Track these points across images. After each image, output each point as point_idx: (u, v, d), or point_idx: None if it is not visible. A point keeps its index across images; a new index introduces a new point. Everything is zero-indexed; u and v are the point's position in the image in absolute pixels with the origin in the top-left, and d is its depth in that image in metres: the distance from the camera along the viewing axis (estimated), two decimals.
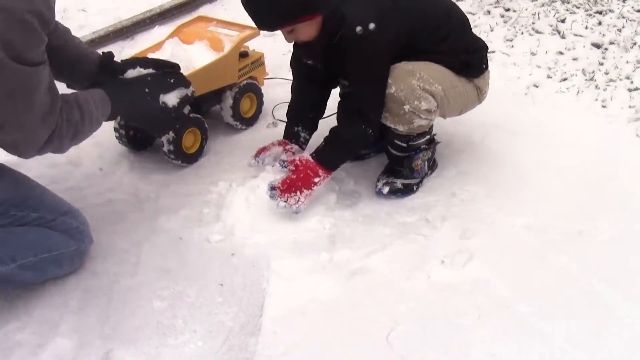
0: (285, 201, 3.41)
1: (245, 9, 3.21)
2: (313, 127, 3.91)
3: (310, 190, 3.45)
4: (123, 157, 4.10)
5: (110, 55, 3.39)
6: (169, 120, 3.52)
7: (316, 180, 3.46)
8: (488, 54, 3.71)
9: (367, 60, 3.32)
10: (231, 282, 3.17)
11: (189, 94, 3.56)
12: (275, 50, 4.95)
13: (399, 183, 3.70)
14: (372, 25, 3.19)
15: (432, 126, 3.65)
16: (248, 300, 3.06)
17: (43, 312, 3.01)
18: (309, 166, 3.48)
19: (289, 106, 3.94)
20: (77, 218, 3.17)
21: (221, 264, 3.28)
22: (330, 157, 3.52)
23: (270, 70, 4.67)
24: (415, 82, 3.34)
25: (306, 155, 3.54)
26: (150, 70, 3.42)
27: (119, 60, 3.46)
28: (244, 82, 4.31)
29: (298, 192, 3.42)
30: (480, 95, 3.72)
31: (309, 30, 3.28)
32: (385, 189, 3.68)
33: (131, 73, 3.38)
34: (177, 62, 3.74)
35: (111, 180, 3.90)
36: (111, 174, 3.96)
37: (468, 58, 3.58)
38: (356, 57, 3.32)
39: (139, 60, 3.51)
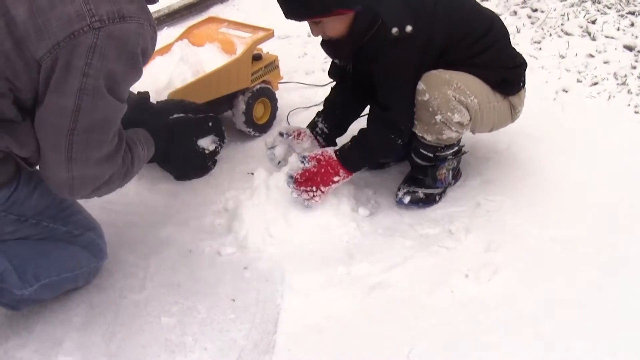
0: (299, 194, 3.44)
1: None
2: (337, 124, 3.90)
3: (327, 188, 3.46)
4: None
5: (146, 95, 3.51)
6: (202, 165, 3.66)
7: (335, 179, 3.47)
8: None
9: (401, 65, 3.30)
10: (244, 297, 3.17)
11: (221, 145, 3.82)
12: (290, 53, 4.97)
13: (420, 192, 3.68)
14: (409, 27, 3.17)
15: (460, 138, 3.63)
16: (261, 316, 3.06)
17: (45, 329, 3.02)
18: (330, 163, 3.47)
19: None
20: (101, 236, 3.20)
21: (233, 278, 3.28)
22: (354, 159, 3.51)
23: (285, 74, 4.67)
24: (451, 92, 3.32)
25: (330, 151, 3.52)
26: (188, 115, 3.63)
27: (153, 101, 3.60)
28: (257, 86, 4.32)
29: (314, 188, 3.43)
30: (513, 113, 3.70)
31: (338, 25, 3.25)
32: (407, 199, 3.67)
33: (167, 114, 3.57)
34: (187, 65, 3.76)
35: (117, 190, 3.90)
36: None
37: (506, 73, 3.56)
38: (389, 60, 3.29)
39: (175, 103, 3.67)
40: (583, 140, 4.23)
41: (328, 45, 3.44)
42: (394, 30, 3.17)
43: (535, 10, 6.04)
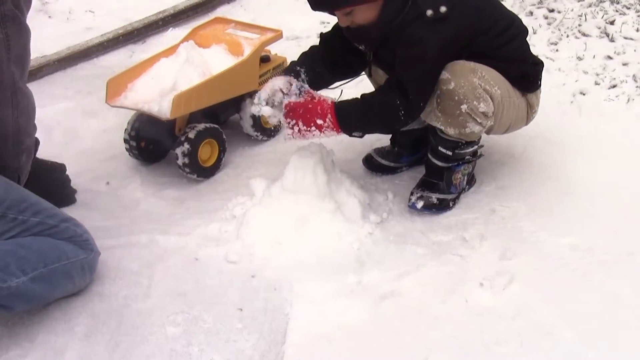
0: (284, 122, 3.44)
1: None
2: (315, 78, 3.68)
3: (306, 128, 3.40)
4: (134, 171, 4.12)
5: None
6: None
7: (319, 122, 3.37)
8: None
9: (430, 44, 3.28)
10: (251, 306, 3.17)
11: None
12: (298, 54, 4.96)
13: (434, 198, 3.68)
14: (443, 8, 3.19)
15: (480, 137, 3.64)
16: (270, 326, 3.06)
17: (47, 339, 3.01)
18: (321, 104, 3.40)
19: (301, 53, 3.84)
20: (80, 226, 3.20)
21: (240, 287, 3.28)
22: (347, 110, 3.41)
23: None
24: (476, 80, 3.33)
25: (331, 97, 3.46)
26: None
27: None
28: None
29: (294, 121, 3.39)
30: (529, 113, 3.72)
31: (368, 12, 3.27)
32: (419, 204, 3.67)
33: None
34: (193, 67, 3.76)
35: (121, 196, 3.91)
36: (121, 189, 3.97)
37: (527, 68, 3.59)
38: (419, 40, 3.27)
39: None
40: (601, 144, 4.22)
41: (353, 31, 3.43)
42: (429, 12, 3.19)
43: (551, 11, 6.03)
